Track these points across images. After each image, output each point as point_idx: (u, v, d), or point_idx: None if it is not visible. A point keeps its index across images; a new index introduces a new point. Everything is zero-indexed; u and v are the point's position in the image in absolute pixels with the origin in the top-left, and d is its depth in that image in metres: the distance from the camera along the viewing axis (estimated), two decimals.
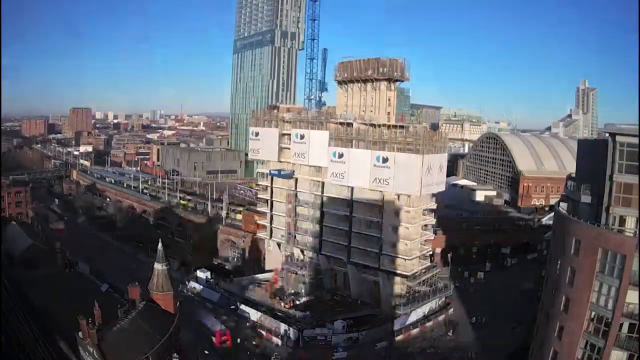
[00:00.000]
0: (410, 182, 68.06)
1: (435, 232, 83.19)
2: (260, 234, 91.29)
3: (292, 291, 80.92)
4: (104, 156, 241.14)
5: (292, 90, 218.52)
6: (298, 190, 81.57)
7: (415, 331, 71.97)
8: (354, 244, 76.38)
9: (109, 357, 43.10)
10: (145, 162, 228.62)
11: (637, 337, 36.68)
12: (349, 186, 75.36)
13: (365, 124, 74.18)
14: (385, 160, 69.79)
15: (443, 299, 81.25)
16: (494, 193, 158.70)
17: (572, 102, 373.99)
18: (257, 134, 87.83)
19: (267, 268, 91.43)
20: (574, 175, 46.47)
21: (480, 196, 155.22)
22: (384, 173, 70.13)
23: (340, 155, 74.75)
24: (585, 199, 41.10)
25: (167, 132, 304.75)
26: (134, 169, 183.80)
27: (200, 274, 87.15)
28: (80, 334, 46.14)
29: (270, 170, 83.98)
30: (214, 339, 65.86)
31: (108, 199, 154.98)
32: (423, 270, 75.67)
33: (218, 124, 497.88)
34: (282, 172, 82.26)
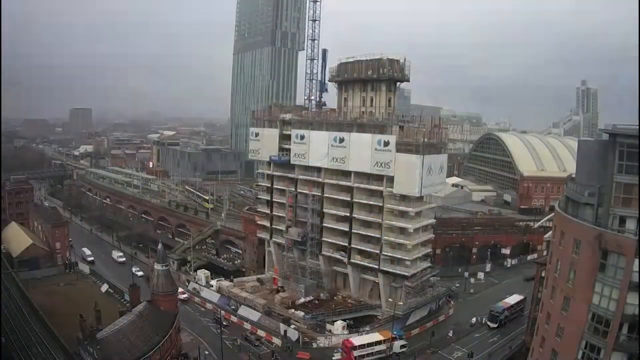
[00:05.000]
0: (411, 182, 68.01)
1: (435, 233, 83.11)
2: (261, 235, 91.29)
3: (292, 292, 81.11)
4: (104, 157, 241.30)
5: (292, 90, 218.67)
6: (298, 190, 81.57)
7: (415, 332, 71.99)
8: (354, 244, 76.39)
9: (109, 357, 43.09)
10: (146, 162, 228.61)
11: (637, 338, 36.63)
12: (349, 186, 75.34)
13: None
14: (386, 143, 69.76)
15: (443, 299, 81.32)
16: (494, 194, 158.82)
17: (572, 103, 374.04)
18: (257, 135, 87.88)
19: (267, 269, 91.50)
20: (574, 175, 46.38)
21: (480, 197, 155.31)
22: (385, 157, 70.09)
23: (341, 140, 74.87)
24: (586, 199, 41.03)
25: (167, 133, 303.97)
26: (134, 169, 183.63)
27: (200, 274, 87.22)
28: (80, 334, 46.20)
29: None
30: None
31: (108, 200, 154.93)
32: (423, 271, 75.60)
33: (218, 124, 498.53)
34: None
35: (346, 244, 77.11)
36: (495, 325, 72.35)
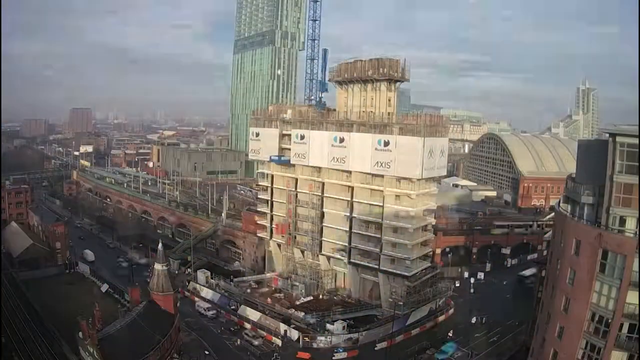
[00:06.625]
0: (412, 165, 67.63)
1: (435, 233, 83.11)
2: (261, 235, 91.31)
3: (292, 292, 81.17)
4: (104, 157, 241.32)
5: (292, 90, 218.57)
6: (298, 190, 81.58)
7: (415, 331, 71.99)
8: (354, 244, 76.35)
9: (109, 358, 43.07)
10: (146, 162, 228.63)
11: (637, 338, 36.63)
12: (349, 186, 75.35)
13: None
14: (386, 143, 69.65)
15: (443, 299, 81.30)
16: (494, 193, 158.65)
17: (572, 102, 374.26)
18: (257, 135, 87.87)
19: (267, 269, 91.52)
20: (574, 175, 46.38)
21: (480, 197, 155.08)
22: (385, 157, 69.85)
23: (342, 140, 74.79)
24: (586, 199, 41.02)
25: (167, 133, 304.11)
26: (134, 169, 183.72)
27: (200, 274, 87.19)
28: (80, 334, 46.19)
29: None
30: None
31: (108, 200, 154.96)
32: (423, 271, 75.60)
33: (218, 124, 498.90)
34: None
35: (346, 244, 77.10)
36: None
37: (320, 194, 78.85)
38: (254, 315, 74.20)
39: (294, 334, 68.18)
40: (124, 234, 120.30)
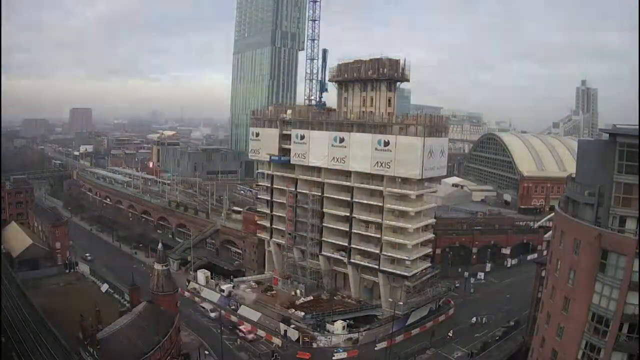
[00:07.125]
0: (412, 165, 67.63)
1: (435, 233, 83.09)
2: (261, 235, 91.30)
3: (292, 292, 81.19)
4: (104, 157, 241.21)
5: (292, 90, 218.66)
6: (298, 190, 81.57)
7: (415, 332, 72.00)
8: (354, 244, 76.38)
9: (109, 358, 43.06)
10: (146, 162, 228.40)
11: (637, 338, 36.62)
12: (349, 186, 75.35)
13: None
14: (386, 143, 69.63)
15: (443, 299, 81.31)
16: (494, 193, 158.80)
17: (572, 102, 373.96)
18: (257, 135, 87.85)
19: (267, 269, 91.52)
20: (574, 175, 46.36)
21: (480, 197, 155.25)
22: (385, 157, 69.85)
23: (341, 140, 74.83)
24: (586, 199, 41.03)
25: (167, 133, 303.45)
26: (134, 169, 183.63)
27: (200, 274, 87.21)
28: (80, 334, 46.20)
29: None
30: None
31: (108, 200, 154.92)
32: (423, 271, 75.58)
33: (218, 124, 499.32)
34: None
35: (346, 244, 77.09)
36: None
37: (320, 194, 78.83)
38: (254, 315, 74.27)
39: (294, 334, 68.20)
40: (124, 234, 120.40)
